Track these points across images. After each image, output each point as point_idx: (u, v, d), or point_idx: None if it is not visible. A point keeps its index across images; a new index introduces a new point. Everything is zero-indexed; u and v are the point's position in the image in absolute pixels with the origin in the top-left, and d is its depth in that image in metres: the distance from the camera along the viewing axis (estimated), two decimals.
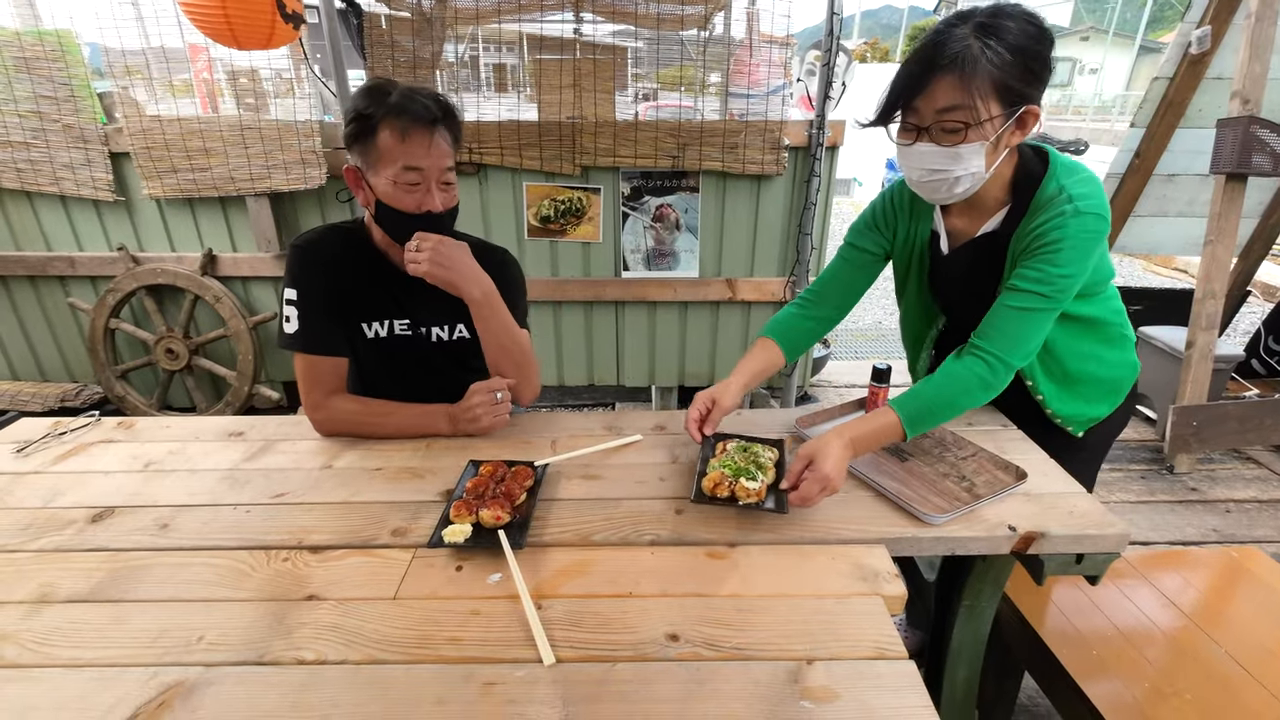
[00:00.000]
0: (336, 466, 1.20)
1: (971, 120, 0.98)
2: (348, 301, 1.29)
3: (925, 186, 1.10)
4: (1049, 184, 1.09)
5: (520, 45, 2.94)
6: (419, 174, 1.16)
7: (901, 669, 0.77)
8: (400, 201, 1.18)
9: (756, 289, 2.76)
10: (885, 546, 0.97)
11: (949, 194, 1.09)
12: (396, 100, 1.13)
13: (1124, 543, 0.99)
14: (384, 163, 1.16)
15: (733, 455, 1.11)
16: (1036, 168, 1.12)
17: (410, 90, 1.15)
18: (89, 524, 1.04)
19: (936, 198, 1.12)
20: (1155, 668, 1.20)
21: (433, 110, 1.15)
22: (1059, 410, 1.29)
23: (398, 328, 1.33)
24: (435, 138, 1.16)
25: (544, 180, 2.61)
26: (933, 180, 1.07)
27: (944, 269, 1.27)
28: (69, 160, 2.57)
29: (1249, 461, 2.77)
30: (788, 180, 2.61)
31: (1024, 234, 1.09)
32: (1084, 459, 1.40)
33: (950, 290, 1.30)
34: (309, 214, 2.71)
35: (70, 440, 1.30)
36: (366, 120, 1.14)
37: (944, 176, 1.05)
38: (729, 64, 2.59)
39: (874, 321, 5.04)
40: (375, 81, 1.18)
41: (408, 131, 1.13)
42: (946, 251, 1.25)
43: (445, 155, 1.19)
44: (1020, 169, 1.12)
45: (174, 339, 2.76)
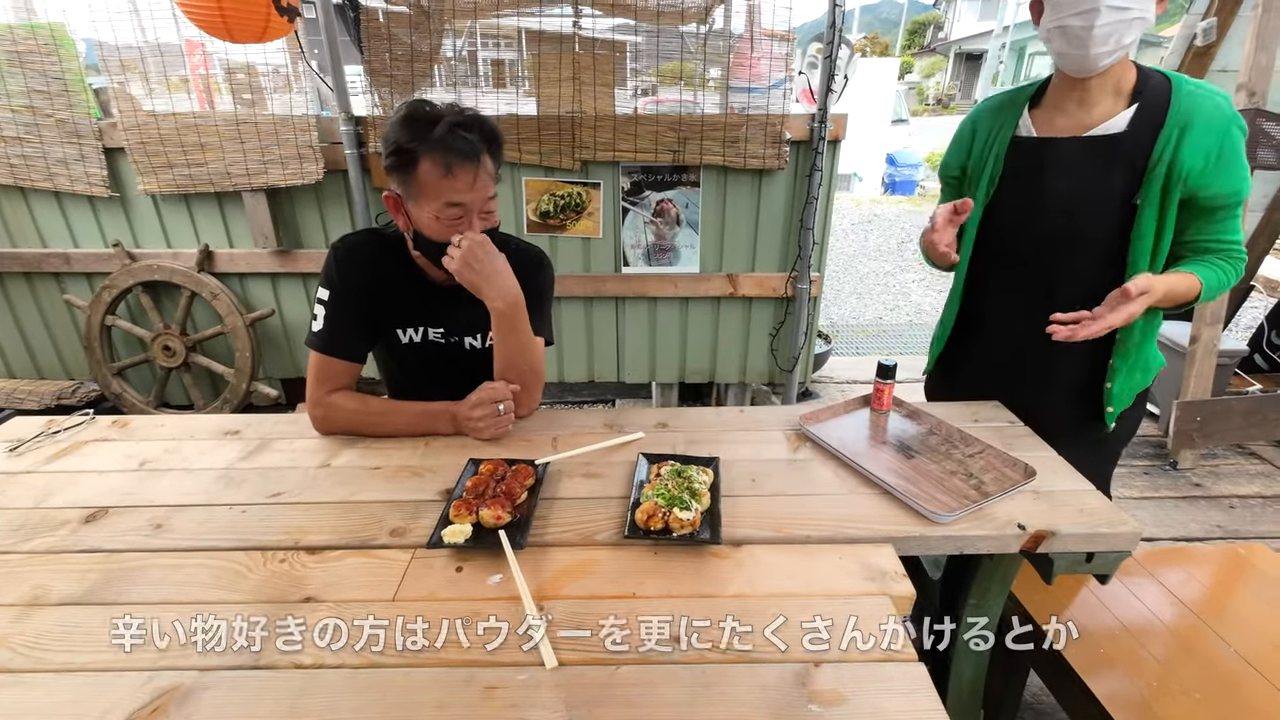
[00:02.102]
0: (335, 465, 1.18)
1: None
2: (383, 306, 1.28)
3: (1095, 37, 1.06)
4: (1195, 94, 1.10)
5: (519, 40, 2.91)
6: (461, 209, 1.14)
7: (911, 671, 0.75)
8: (440, 234, 1.16)
9: (758, 284, 2.74)
10: (893, 546, 0.96)
11: (1115, 46, 1.07)
12: (440, 135, 1.08)
13: (1135, 541, 0.98)
14: (426, 197, 1.13)
15: (666, 481, 1.04)
16: (1155, 75, 1.14)
17: (454, 122, 1.10)
18: (82, 524, 1.02)
19: (1099, 52, 1.08)
20: (1162, 664, 1.19)
21: (476, 145, 1.11)
22: (1118, 387, 1.28)
23: (431, 334, 1.34)
24: (480, 172, 1.13)
25: (543, 175, 2.59)
26: (1108, 24, 1.04)
27: (1025, 167, 1.24)
28: (63, 156, 2.54)
29: (1253, 457, 2.76)
30: (789, 175, 2.59)
31: (1190, 151, 1.09)
32: (1104, 457, 1.40)
33: (1027, 191, 1.24)
34: (306, 209, 2.69)
35: (64, 439, 1.28)
36: (408, 154, 1.10)
37: (1123, 15, 1.04)
38: (729, 58, 2.56)
39: (874, 317, 5.03)
40: (414, 109, 1.13)
41: (451, 168, 1.10)
42: (1033, 134, 1.23)
43: (487, 188, 1.16)
44: (1140, 71, 1.15)
45: (171, 336, 2.74)
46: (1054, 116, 1.21)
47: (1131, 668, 1.18)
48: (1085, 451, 1.24)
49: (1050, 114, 1.21)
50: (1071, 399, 1.33)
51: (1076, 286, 1.24)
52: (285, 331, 2.89)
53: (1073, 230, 1.21)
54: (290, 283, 2.80)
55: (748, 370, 2.94)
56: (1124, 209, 1.16)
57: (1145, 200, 1.13)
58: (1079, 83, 1.16)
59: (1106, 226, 1.19)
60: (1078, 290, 1.23)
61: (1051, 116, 1.21)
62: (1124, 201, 1.16)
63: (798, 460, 1.19)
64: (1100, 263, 1.22)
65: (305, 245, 2.74)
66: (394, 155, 1.11)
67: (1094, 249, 1.22)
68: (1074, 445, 1.22)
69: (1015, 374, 1.37)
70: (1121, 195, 1.15)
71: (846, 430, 1.27)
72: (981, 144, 1.30)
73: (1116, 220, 1.18)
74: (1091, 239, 1.21)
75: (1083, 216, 1.20)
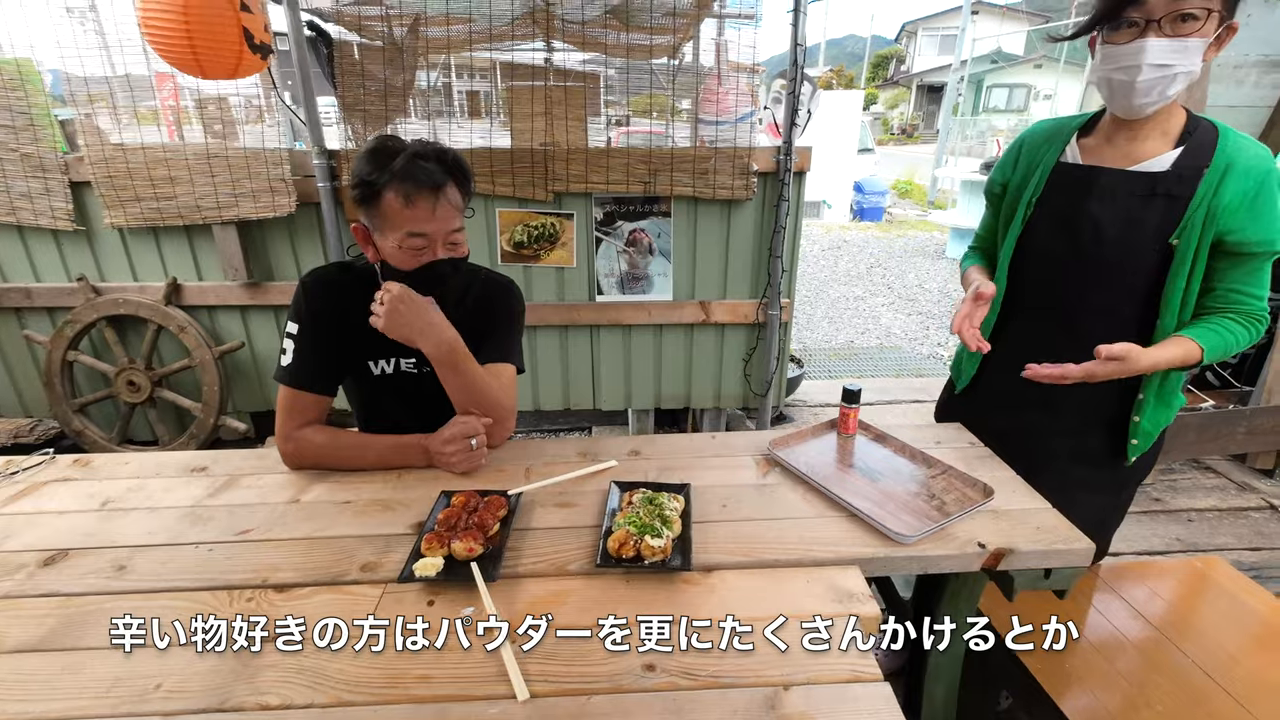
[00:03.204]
0: (304, 501, 1.17)
1: (1212, 6, 1.02)
2: (353, 338, 1.29)
3: (1138, 89, 1.09)
4: (1239, 142, 1.13)
5: (493, 72, 2.96)
6: (424, 239, 1.17)
7: (877, 691, 0.77)
8: (405, 263, 1.18)
9: (730, 311, 2.79)
10: (859, 567, 0.98)
11: (1159, 98, 1.10)
12: (400, 167, 1.12)
13: (1089, 557, 1.02)
14: (390, 227, 1.16)
15: (638, 509, 1.06)
16: (1203, 121, 1.17)
17: (415, 154, 1.13)
18: (40, 568, 0.99)
19: (1143, 102, 1.11)
20: (1127, 679, 1.22)
21: (436, 176, 1.14)
22: (1147, 423, 1.28)
23: (404, 364, 1.34)
24: (440, 201, 1.15)
25: (517, 206, 2.62)
26: (1151, 79, 1.07)
27: (1066, 190, 1.25)
28: (27, 190, 2.51)
29: (1208, 471, 2.86)
30: (757, 205, 2.66)
31: (1229, 194, 1.11)
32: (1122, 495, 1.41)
33: (1065, 213, 1.25)
34: (278, 241, 2.68)
35: (22, 480, 1.25)
36: (370, 186, 1.13)
37: (1165, 73, 1.07)
38: (698, 92, 2.65)
39: (846, 340, 5.13)
40: (380, 142, 1.17)
41: (411, 199, 1.13)
42: (1079, 161, 1.25)
43: (451, 218, 1.18)
44: (1190, 116, 1.17)
45: (136, 371, 2.69)
46: (1101, 148, 1.23)
47: (1098, 683, 1.21)
48: (1101, 485, 1.27)
49: (1098, 145, 1.24)
50: (1093, 431, 1.33)
51: (1103, 319, 1.24)
52: (255, 364, 2.85)
53: (1104, 260, 1.21)
54: (261, 315, 2.77)
55: (722, 395, 2.98)
56: (1159, 247, 1.16)
57: (1183, 240, 1.14)
58: (1127, 122, 1.18)
59: (1138, 261, 1.19)
60: (1103, 323, 1.23)
61: (1099, 147, 1.23)
62: (1159, 238, 1.16)
63: (767, 485, 1.21)
64: (1129, 299, 1.22)
65: (276, 277, 2.72)
66: (358, 188, 1.15)
67: (1124, 283, 1.21)
68: (1090, 478, 1.26)
69: (1031, 401, 1.35)
70: (1156, 231, 1.16)
71: (814, 454, 1.30)
72: (1026, 164, 1.32)
73: (1149, 257, 1.18)
74: (1123, 271, 1.21)
75: (1115, 245, 1.20)
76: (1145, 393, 1.26)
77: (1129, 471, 1.34)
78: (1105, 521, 1.41)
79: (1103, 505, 1.37)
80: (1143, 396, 1.26)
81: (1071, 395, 1.25)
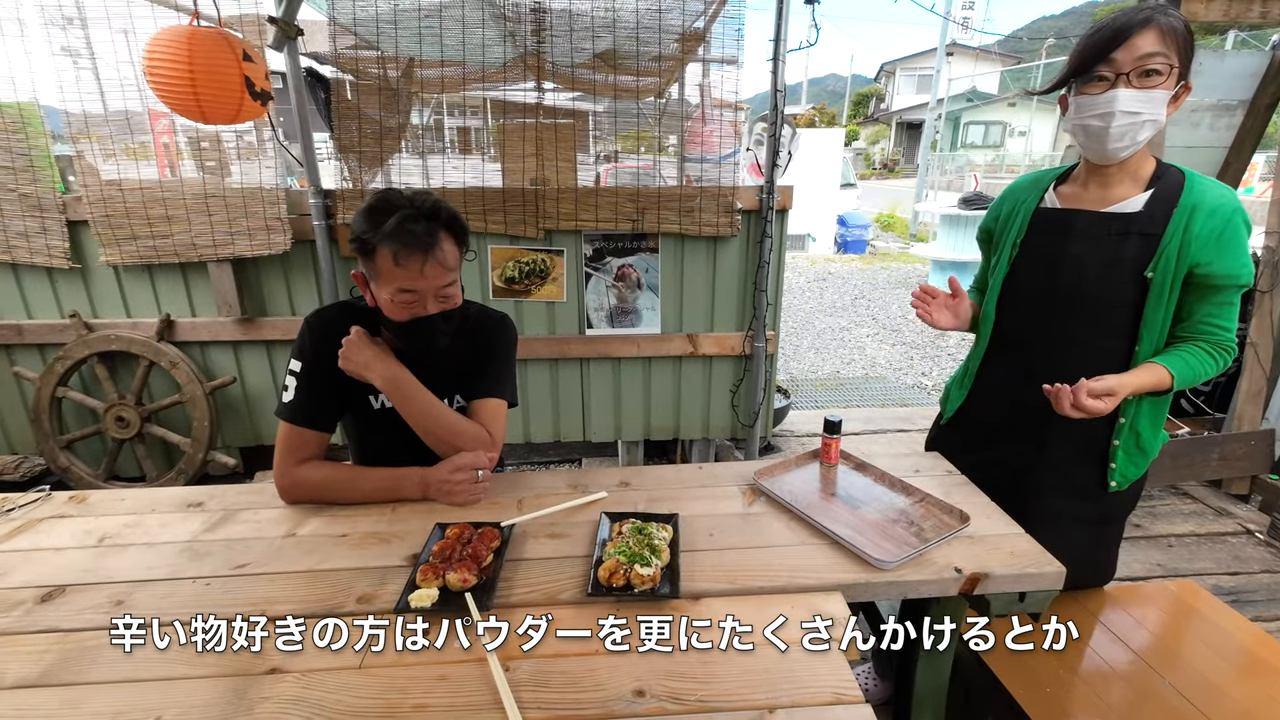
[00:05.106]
0: (300, 534, 1.19)
1: (1172, 63, 1.13)
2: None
3: (1111, 134, 1.18)
4: (1205, 184, 1.22)
5: (484, 109, 3.06)
6: (414, 294, 1.23)
7: (859, 713, 0.80)
8: (397, 315, 1.25)
9: (717, 343, 2.86)
10: (841, 593, 1.01)
11: (1131, 143, 1.19)
12: (392, 227, 1.18)
13: (1060, 580, 1.06)
14: (382, 281, 1.23)
15: (628, 539, 1.09)
16: (1171, 168, 1.26)
17: (407, 215, 1.19)
18: (37, 604, 1.01)
19: (1116, 147, 1.20)
20: (1111, 707, 1.24)
21: (424, 240, 1.19)
22: (1123, 469, 1.35)
23: None
24: (429, 261, 1.21)
25: (508, 243, 2.69)
26: (1123, 125, 1.17)
27: (1046, 232, 1.35)
28: (24, 229, 2.54)
29: (1185, 497, 2.92)
30: (742, 241, 2.75)
31: (1197, 230, 1.19)
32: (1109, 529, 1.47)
33: (1046, 253, 1.34)
34: (272, 278, 2.72)
35: (19, 517, 1.26)
36: (365, 243, 1.21)
37: (1135, 120, 1.16)
38: (684, 132, 2.75)
39: (832, 371, 5.20)
40: (377, 199, 1.23)
41: (400, 259, 1.19)
42: (1057, 205, 1.35)
43: (439, 276, 1.23)
44: (1159, 163, 1.27)
45: (125, 406, 2.69)
46: (1078, 193, 1.34)
47: (1083, 712, 1.23)
48: (1089, 515, 1.32)
49: (1075, 191, 1.34)
50: (1076, 461, 1.39)
51: (1084, 352, 1.31)
52: (247, 399, 2.86)
53: (1084, 295, 1.29)
54: (253, 350, 2.80)
55: (710, 426, 3.02)
56: (1135, 281, 1.25)
57: (1158, 272, 1.22)
58: (1101, 168, 1.28)
59: (1116, 295, 1.27)
60: (1084, 356, 1.31)
61: (1075, 193, 1.34)
62: (1135, 272, 1.24)
63: (752, 514, 1.25)
64: (1108, 332, 1.29)
65: (270, 313, 2.76)
66: (355, 243, 1.22)
67: (1103, 317, 1.29)
68: (1077, 509, 1.31)
69: (1018, 434, 1.43)
70: (1133, 265, 1.24)
71: (797, 484, 1.35)
72: (1009, 211, 1.44)
73: (1127, 291, 1.26)
74: (1102, 305, 1.28)
75: (1095, 282, 1.27)
76: (1126, 417, 1.33)
77: (1114, 500, 1.39)
78: (1096, 550, 1.47)
79: (1092, 535, 1.42)
80: (1124, 420, 1.33)
81: (1057, 427, 1.31)
